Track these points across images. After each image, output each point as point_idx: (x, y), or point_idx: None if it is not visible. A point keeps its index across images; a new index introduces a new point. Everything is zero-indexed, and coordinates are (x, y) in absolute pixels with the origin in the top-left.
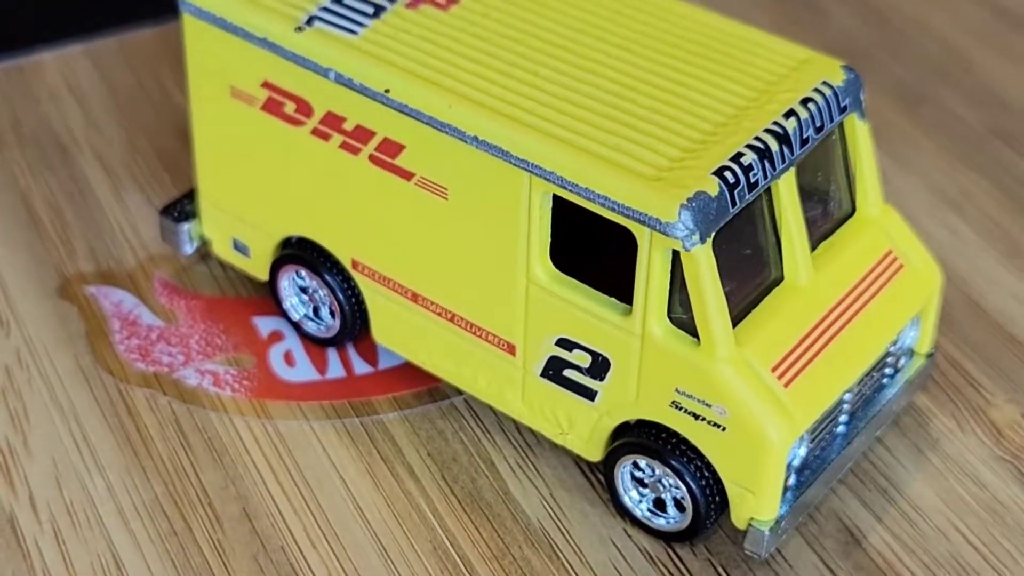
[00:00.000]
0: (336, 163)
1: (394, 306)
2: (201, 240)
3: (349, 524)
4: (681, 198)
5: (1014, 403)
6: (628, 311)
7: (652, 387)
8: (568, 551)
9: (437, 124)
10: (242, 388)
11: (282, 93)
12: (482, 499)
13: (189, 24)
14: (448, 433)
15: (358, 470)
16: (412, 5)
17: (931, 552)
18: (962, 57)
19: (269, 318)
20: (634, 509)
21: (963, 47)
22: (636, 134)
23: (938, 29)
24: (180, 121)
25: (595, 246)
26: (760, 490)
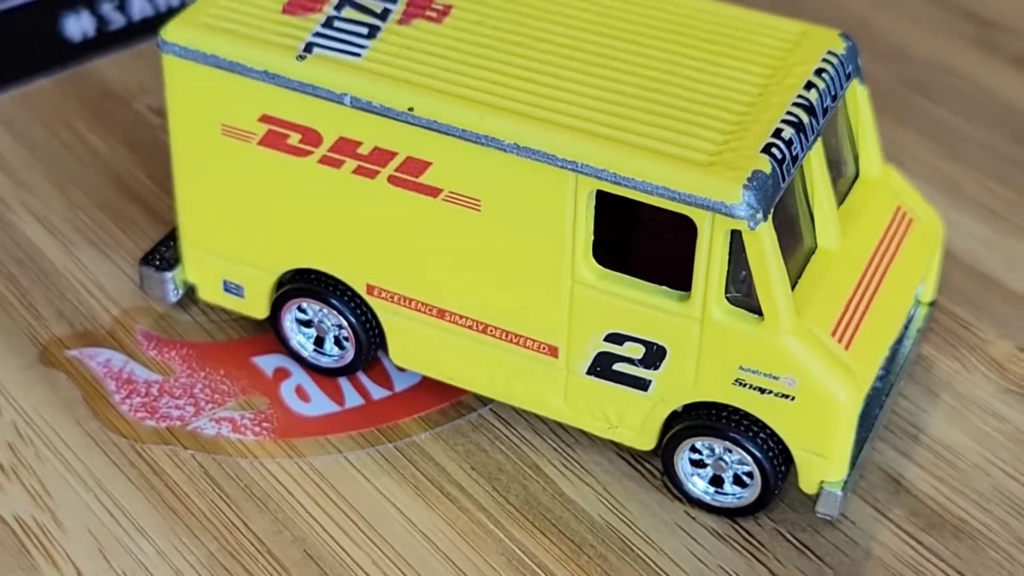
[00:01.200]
0: (349, 189)
1: (416, 326)
2: (185, 287)
3: (416, 549)
4: (741, 179)
5: (1007, 338)
6: (684, 297)
7: (713, 368)
8: (639, 542)
9: (469, 136)
10: (264, 430)
11: (284, 125)
12: (540, 504)
13: (171, 65)
14: (485, 444)
15: (407, 494)
16: (404, 22)
17: (976, 488)
18: (859, 19)
19: (269, 356)
20: (703, 495)
21: (859, 10)
22: (674, 123)
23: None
24: (111, 169)
25: (633, 239)
26: (831, 453)
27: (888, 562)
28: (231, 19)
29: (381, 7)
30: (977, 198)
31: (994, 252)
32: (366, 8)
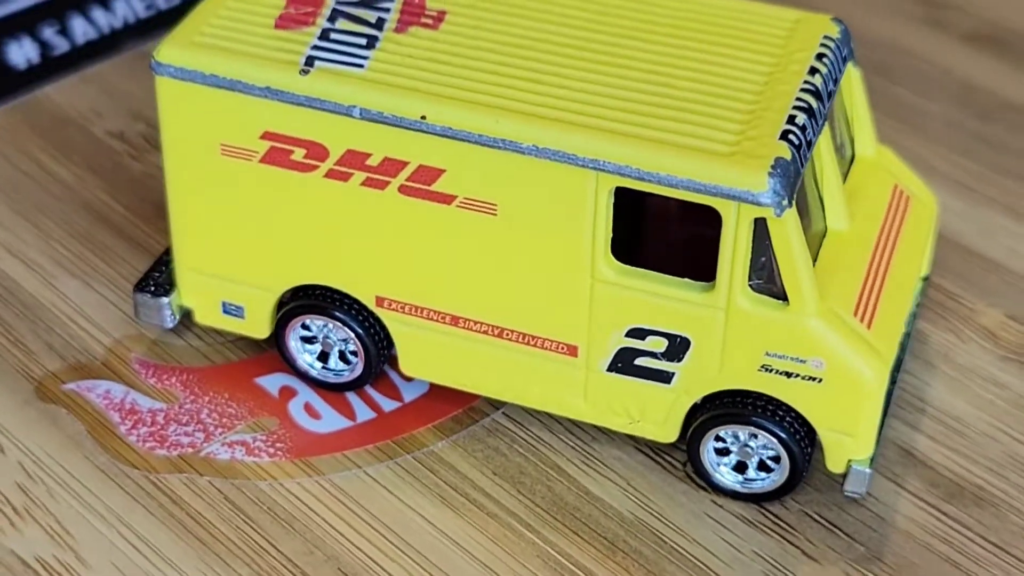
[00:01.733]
0: (358, 201)
1: (428, 334)
2: (181, 312)
3: (451, 559)
4: (765, 167)
5: (995, 307)
6: (707, 288)
7: (739, 356)
8: (671, 534)
9: (485, 141)
10: (279, 451)
11: (288, 141)
12: (567, 504)
13: (166, 87)
14: (503, 448)
15: (433, 504)
16: (401, 30)
17: (988, 455)
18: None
19: (272, 376)
20: (733, 485)
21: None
22: (688, 115)
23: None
24: (79, 197)
25: (647, 233)
26: (859, 431)
27: (916, 534)
28: (225, 37)
29: (375, 16)
30: (948, 174)
31: (970, 224)
32: (360, 19)
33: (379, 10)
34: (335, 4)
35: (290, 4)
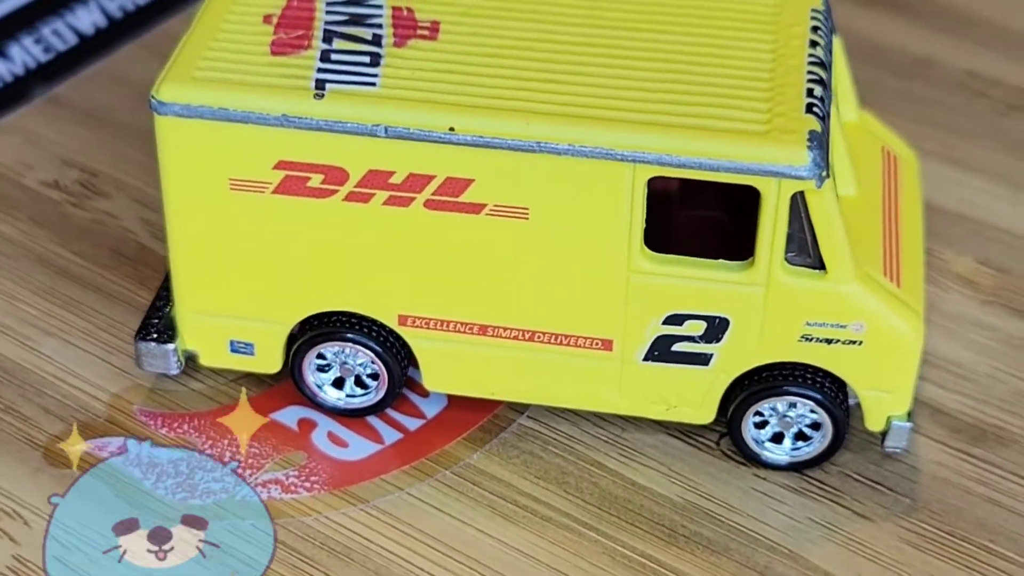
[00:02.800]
0: (380, 221)
1: (454, 347)
2: (185, 356)
3: (520, 568)
4: (803, 142)
5: (964, 255)
6: (745, 266)
7: (779, 330)
8: (724, 512)
9: (517, 146)
10: (315, 484)
11: (304, 168)
12: (617, 498)
13: (169, 127)
14: (538, 451)
15: (486, 516)
16: (400, 44)
17: (998, 396)
18: None
19: (286, 410)
20: (781, 458)
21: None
22: (711, 99)
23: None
24: (31, 252)
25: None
26: (899, 388)
27: (953, 480)
28: (224, 69)
29: (370, 33)
30: None
31: (920, 180)
32: (356, 37)
33: (371, 27)
34: (325, 25)
35: (279, 29)
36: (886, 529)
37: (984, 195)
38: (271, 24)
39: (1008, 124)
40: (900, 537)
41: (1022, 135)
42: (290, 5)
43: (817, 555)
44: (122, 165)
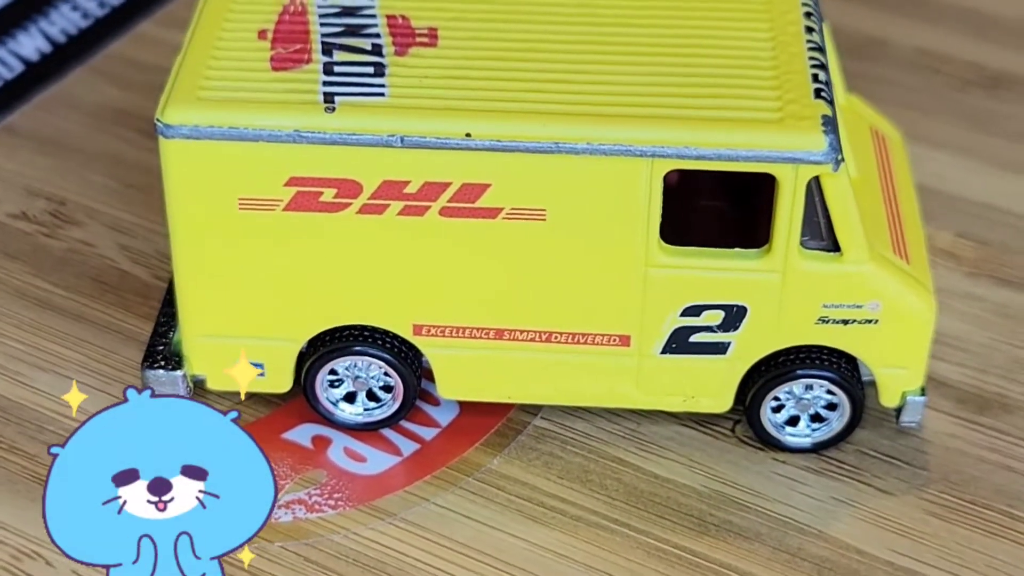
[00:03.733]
0: (394, 232)
1: (470, 354)
2: (193, 381)
3: (558, 570)
4: (818, 127)
5: (943, 230)
6: (762, 253)
7: (796, 314)
8: (750, 498)
9: (535, 148)
10: (339, 501)
11: (316, 183)
12: (642, 492)
13: (176, 150)
14: (557, 451)
15: (516, 520)
16: (401, 53)
17: (996, 364)
18: None
19: (298, 429)
20: (803, 442)
21: None
22: (720, 89)
23: None
24: (7, 286)
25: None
26: (914, 363)
27: (966, 450)
28: (227, 88)
29: (369, 43)
30: None
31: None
32: (356, 48)
33: (367, 36)
34: (322, 37)
35: (276, 44)
36: (909, 503)
37: (954, 169)
38: (267, 39)
39: (965, 99)
40: (924, 509)
41: (981, 109)
42: (282, 19)
43: (847, 533)
44: (90, 192)
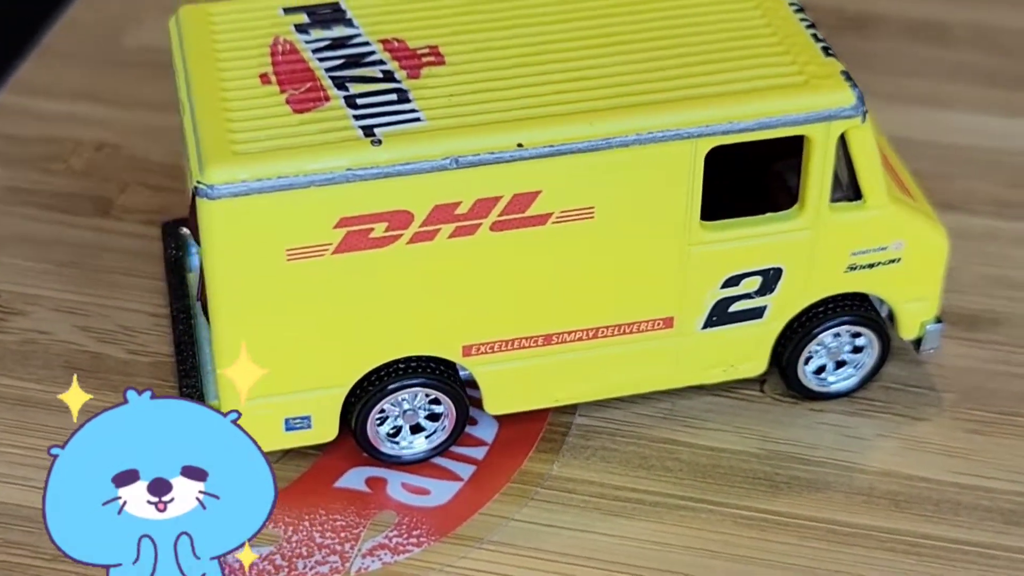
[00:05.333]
0: (445, 256)
1: (518, 365)
2: None
3: (659, 557)
4: (843, 83)
5: None
6: (793, 213)
7: (826, 267)
8: (805, 450)
9: (583, 147)
10: (422, 538)
11: (366, 219)
12: (705, 466)
13: (220, 209)
14: (609, 445)
15: (599, 518)
16: (414, 75)
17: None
18: None
19: (348, 475)
20: (847, 383)
21: None
22: (739, 63)
23: None
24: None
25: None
26: (932, 292)
27: (977, 367)
28: (260, 138)
29: (378, 71)
30: None
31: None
32: (368, 78)
33: (372, 64)
34: (327, 73)
35: (284, 86)
36: (946, 425)
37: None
38: (272, 83)
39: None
40: (962, 428)
41: (860, 50)
42: (277, 61)
43: (904, 464)
44: (19, 278)
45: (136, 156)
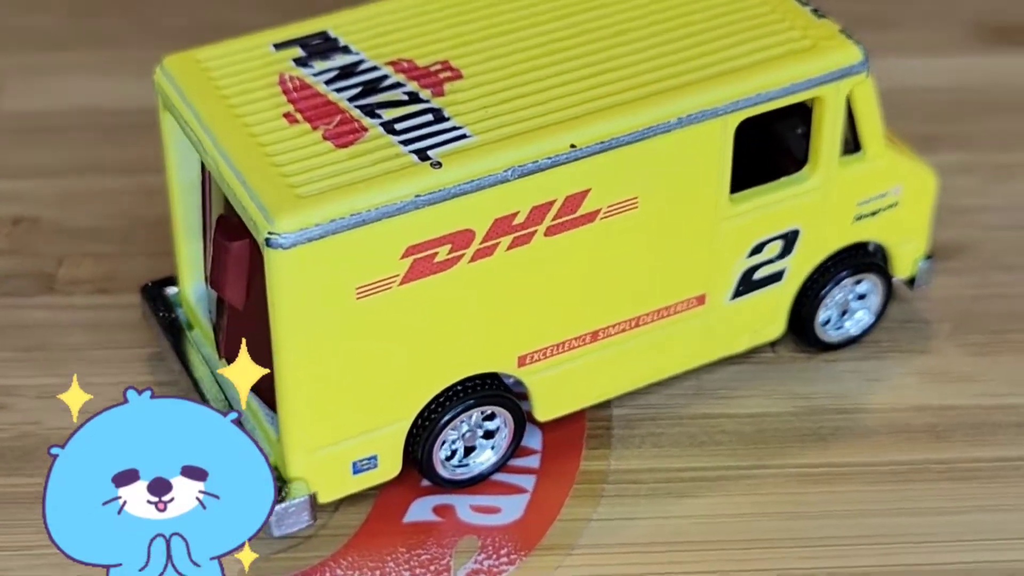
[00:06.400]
0: (503, 269)
1: (567, 367)
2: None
3: (742, 527)
4: (846, 41)
5: None
6: (806, 174)
7: (837, 220)
8: (837, 400)
9: (628, 139)
10: (513, 555)
11: (431, 244)
12: (749, 433)
13: (291, 258)
14: (654, 429)
15: (672, 502)
16: (438, 93)
17: None
18: None
19: (413, 507)
20: (867, 320)
21: None
22: (743, 36)
23: None
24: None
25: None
26: (922, 231)
27: (961, 293)
28: (318, 178)
29: (401, 94)
30: None
31: None
32: (396, 102)
33: (392, 88)
34: (351, 103)
35: (314, 123)
36: (953, 353)
37: None
38: (300, 122)
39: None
40: (968, 353)
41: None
42: (293, 99)
43: (929, 396)
44: None
45: (60, 226)
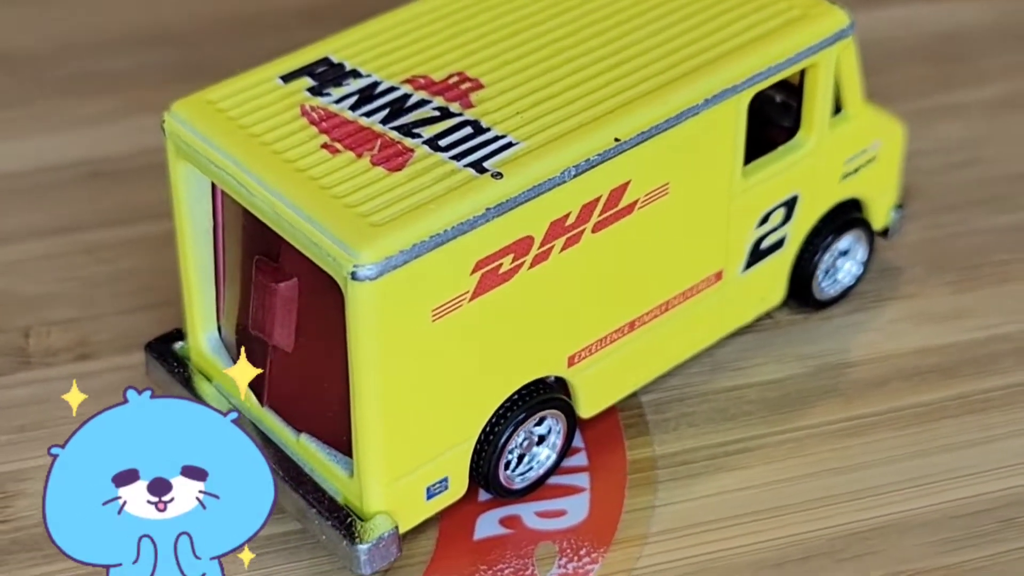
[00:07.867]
0: (557, 271)
1: (607, 361)
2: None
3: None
4: (832, 8)
5: None
6: (801, 139)
7: (828, 179)
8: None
9: (667, 125)
10: (593, 555)
11: (495, 257)
12: (775, 399)
13: (373, 289)
14: (684, 410)
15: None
16: (467, 105)
17: None
18: None
19: (480, 523)
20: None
21: None
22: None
23: None
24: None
25: None
26: (893, 182)
27: (929, 235)
28: (384, 205)
29: (431, 110)
30: None
31: None
32: (429, 119)
33: (418, 106)
34: (386, 127)
35: (357, 150)
36: (938, 292)
37: None
38: (341, 151)
39: None
40: (950, 291)
41: None
42: (325, 128)
43: (927, 338)
44: None
45: (15, 295)
